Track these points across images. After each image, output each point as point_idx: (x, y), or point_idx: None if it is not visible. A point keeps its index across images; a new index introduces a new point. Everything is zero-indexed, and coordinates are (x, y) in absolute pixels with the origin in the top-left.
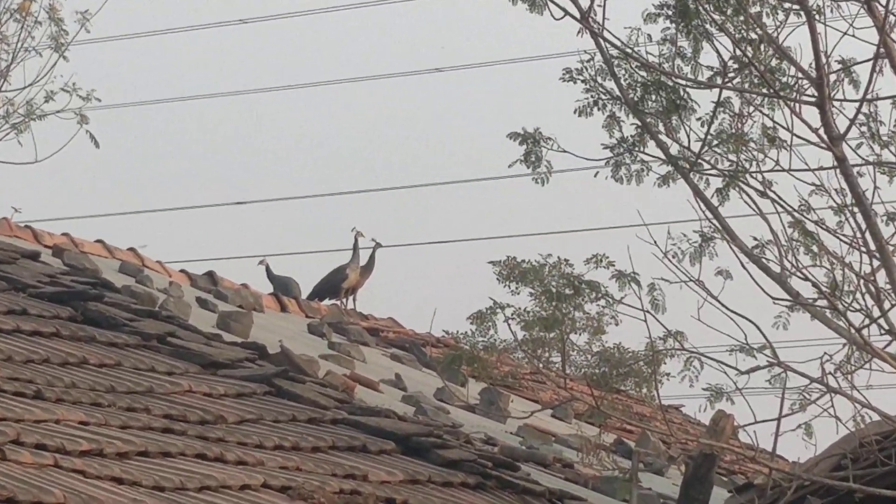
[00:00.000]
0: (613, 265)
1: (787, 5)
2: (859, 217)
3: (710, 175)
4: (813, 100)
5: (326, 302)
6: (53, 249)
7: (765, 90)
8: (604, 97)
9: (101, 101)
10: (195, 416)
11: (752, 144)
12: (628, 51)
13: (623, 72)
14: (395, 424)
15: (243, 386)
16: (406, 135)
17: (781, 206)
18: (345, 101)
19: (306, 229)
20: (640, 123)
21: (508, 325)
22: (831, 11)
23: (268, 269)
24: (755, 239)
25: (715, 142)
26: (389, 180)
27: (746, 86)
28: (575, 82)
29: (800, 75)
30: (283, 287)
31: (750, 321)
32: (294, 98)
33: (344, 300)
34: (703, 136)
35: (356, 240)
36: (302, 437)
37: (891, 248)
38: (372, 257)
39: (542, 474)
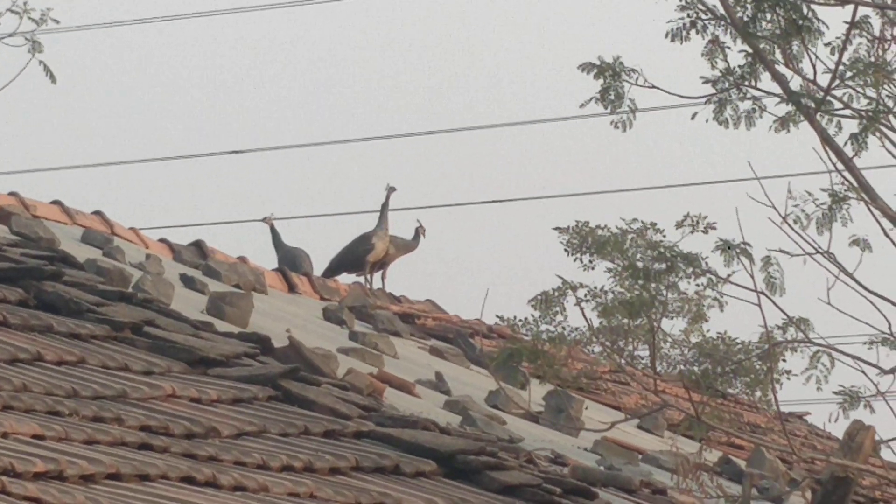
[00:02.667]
0: (714, 228)
1: None
2: None
3: (843, 116)
4: None
5: (347, 279)
6: None
7: None
8: (704, 17)
9: (58, 24)
10: (180, 427)
11: None
12: None
13: None
14: (435, 439)
15: (241, 389)
16: (450, 65)
17: None
18: (370, 17)
19: (322, 186)
20: (751, 50)
21: (581, 309)
22: None
23: (273, 232)
24: None
25: (849, 74)
26: (428, 123)
27: (889, 0)
28: None
29: None
30: (290, 260)
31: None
32: (306, 14)
33: (369, 277)
34: (833, 67)
35: (387, 199)
36: (317, 454)
37: None
38: (417, 233)
39: (626, 502)
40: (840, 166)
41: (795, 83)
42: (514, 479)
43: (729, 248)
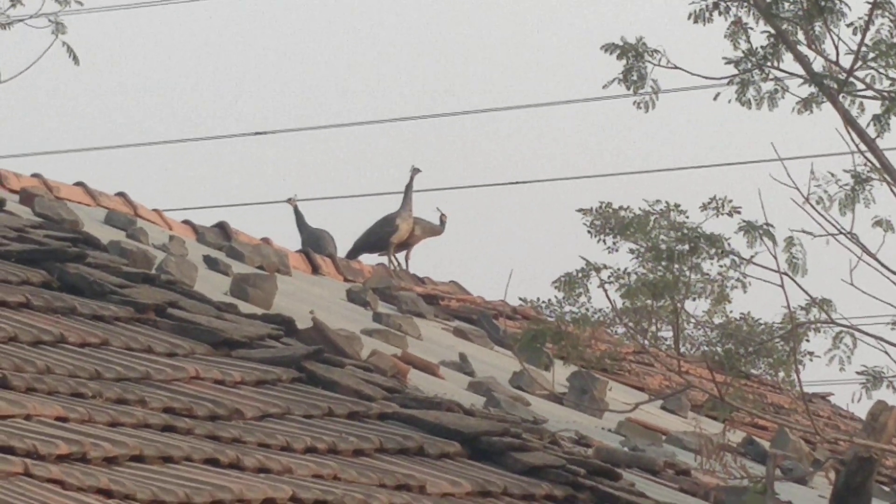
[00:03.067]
0: (739, 212)
1: None
2: None
3: (865, 97)
4: None
5: (371, 260)
6: (21, 195)
7: None
8: None
9: (82, 5)
10: (204, 409)
11: None
12: None
13: None
14: (459, 420)
15: (265, 371)
16: (474, 46)
17: None
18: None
19: (346, 167)
20: (773, 31)
21: (605, 290)
22: None
23: (297, 213)
24: None
25: (871, 55)
26: (453, 104)
27: None
28: None
29: None
30: (314, 241)
31: None
32: None
33: (393, 259)
34: (855, 48)
35: (411, 180)
36: (341, 436)
37: None
38: (442, 220)
39: (650, 483)
40: (863, 147)
41: (818, 64)
42: (537, 460)
43: (752, 229)
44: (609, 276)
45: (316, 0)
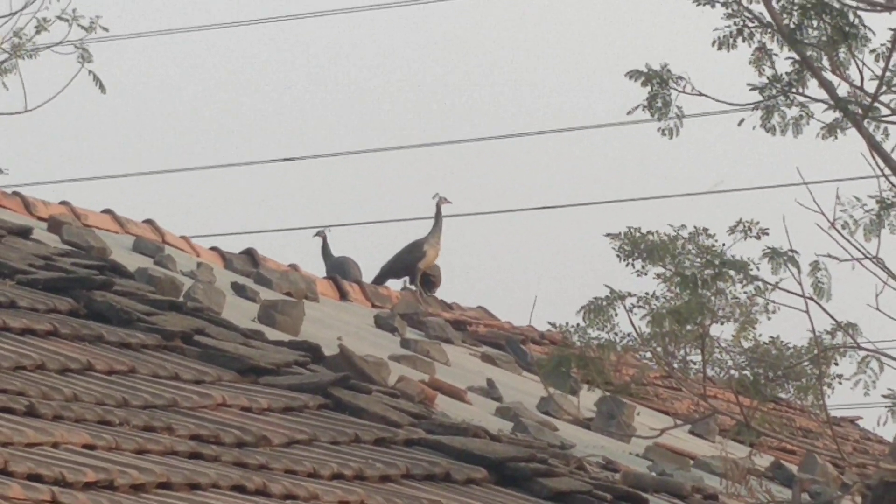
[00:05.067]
0: (767, 234)
1: None
2: None
3: (890, 123)
4: None
5: (395, 286)
6: (49, 223)
7: None
8: (751, 24)
9: (108, 32)
10: (231, 436)
11: None
12: None
13: None
14: (486, 446)
15: (292, 398)
16: (499, 72)
17: None
18: (420, 25)
19: (375, 193)
20: (798, 57)
21: (630, 317)
22: None
23: (325, 244)
24: None
25: (895, 80)
26: (479, 129)
27: None
28: (713, 5)
29: None
30: (339, 269)
31: None
32: (357, 22)
33: (419, 284)
34: (879, 73)
35: (438, 208)
36: (367, 462)
37: None
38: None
39: None
40: (888, 172)
41: (842, 90)
42: (564, 485)
43: (776, 255)
44: (637, 301)
45: (342, 26)
